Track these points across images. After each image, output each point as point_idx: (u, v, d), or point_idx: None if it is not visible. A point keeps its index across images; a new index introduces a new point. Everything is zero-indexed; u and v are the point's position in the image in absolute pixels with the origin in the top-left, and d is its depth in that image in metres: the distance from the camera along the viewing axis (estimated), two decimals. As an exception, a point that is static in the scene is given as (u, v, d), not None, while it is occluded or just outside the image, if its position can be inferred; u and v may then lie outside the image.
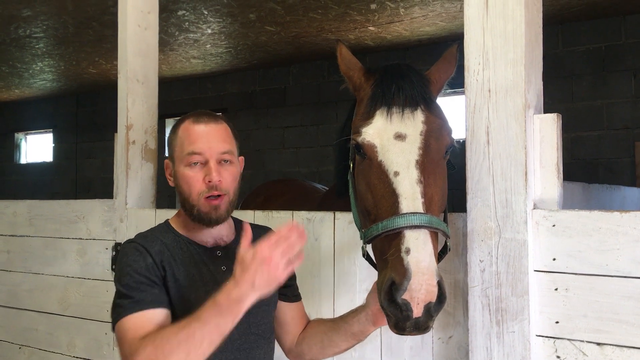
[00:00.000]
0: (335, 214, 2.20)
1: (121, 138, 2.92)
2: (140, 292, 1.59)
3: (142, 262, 1.64)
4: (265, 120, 8.72)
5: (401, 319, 1.50)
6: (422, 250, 1.51)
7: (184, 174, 1.71)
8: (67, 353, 3.06)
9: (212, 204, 1.69)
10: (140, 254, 1.66)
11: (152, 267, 1.64)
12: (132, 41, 2.94)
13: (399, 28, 6.57)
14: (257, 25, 6.46)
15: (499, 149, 1.76)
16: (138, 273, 1.62)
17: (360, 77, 1.90)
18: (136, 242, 1.70)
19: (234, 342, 1.70)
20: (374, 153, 1.70)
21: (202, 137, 1.71)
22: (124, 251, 1.70)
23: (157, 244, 1.71)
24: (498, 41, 1.78)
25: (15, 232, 3.36)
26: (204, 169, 1.70)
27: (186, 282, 1.68)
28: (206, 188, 1.69)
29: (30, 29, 6.62)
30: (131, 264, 1.64)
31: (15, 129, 11.80)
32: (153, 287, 1.62)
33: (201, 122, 1.74)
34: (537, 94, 1.81)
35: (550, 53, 6.32)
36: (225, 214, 1.72)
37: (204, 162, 1.70)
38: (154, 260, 1.65)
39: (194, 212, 1.70)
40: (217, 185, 1.69)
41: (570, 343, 1.66)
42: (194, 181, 1.70)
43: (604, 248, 1.61)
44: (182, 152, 1.72)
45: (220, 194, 1.70)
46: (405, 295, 1.47)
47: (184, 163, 1.71)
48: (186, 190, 1.71)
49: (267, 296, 1.78)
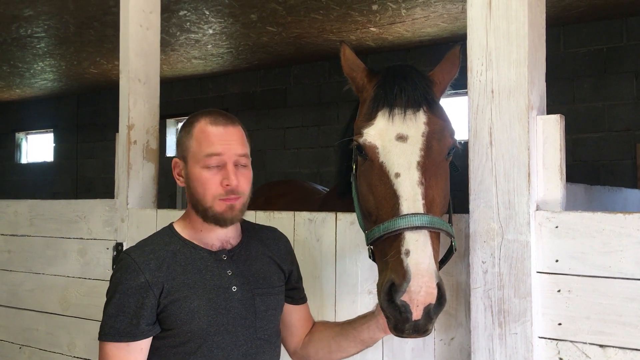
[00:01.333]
0: (337, 215, 2.19)
1: (122, 138, 2.92)
2: (121, 321, 1.61)
3: (132, 281, 1.63)
4: (266, 120, 8.71)
5: (400, 320, 1.50)
6: (422, 252, 1.50)
7: (200, 175, 1.69)
8: (67, 353, 3.06)
9: (228, 203, 1.68)
10: (132, 272, 1.64)
11: (143, 287, 1.62)
12: (133, 41, 2.94)
13: (400, 29, 6.57)
14: (259, 25, 6.46)
15: (501, 150, 1.75)
16: (126, 294, 1.62)
17: (363, 78, 1.89)
18: (131, 258, 1.67)
19: (240, 347, 1.69)
20: (375, 154, 1.70)
21: (221, 139, 1.70)
22: (120, 264, 1.69)
23: (156, 256, 1.68)
24: (501, 42, 1.77)
25: (16, 232, 3.36)
26: (221, 172, 1.68)
27: (188, 291, 1.66)
28: (223, 192, 1.68)
29: (31, 28, 6.62)
30: (122, 282, 1.64)
31: (16, 129, 11.80)
32: (136, 315, 1.61)
33: (219, 123, 1.72)
34: (540, 95, 1.81)
35: (552, 55, 6.27)
36: (240, 214, 1.72)
37: (222, 164, 1.69)
38: (147, 279, 1.63)
39: (209, 213, 1.69)
40: (234, 189, 1.68)
41: (573, 345, 1.65)
42: (210, 184, 1.68)
43: (607, 250, 1.60)
44: (199, 153, 1.69)
45: (234, 197, 1.69)
46: (405, 297, 1.47)
47: (200, 164, 1.69)
48: (200, 192, 1.69)
49: (274, 301, 1.78)
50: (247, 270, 1.76)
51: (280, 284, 1.83)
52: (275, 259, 1.85)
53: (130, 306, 1.61)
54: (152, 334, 1.65)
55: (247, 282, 1.74)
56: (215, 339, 1.65)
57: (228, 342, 1.67)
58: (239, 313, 1.69)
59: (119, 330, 1.61)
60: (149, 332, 1.63)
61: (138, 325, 1.61)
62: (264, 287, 1.76)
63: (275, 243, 1.90)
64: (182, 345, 1.65)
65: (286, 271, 1.87)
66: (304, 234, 2.26)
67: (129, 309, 1.61)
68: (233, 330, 1.68)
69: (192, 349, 1.64)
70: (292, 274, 1.90)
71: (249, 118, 8.73)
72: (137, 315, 1.61)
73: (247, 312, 1.71)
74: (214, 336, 1.65)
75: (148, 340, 1.65)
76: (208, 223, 1.71)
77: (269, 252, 1.85)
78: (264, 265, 1.81)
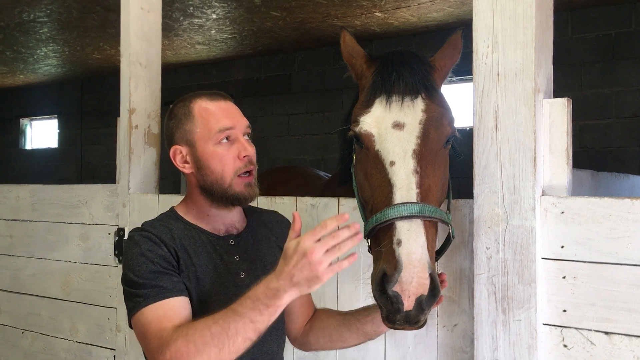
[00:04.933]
0: (339, 200, 2.17)
1: (124, 122, 2.90)
2: (159, 280, 1.53)
3: (158, 250, 1.59)
4: (270, 107, 8.67)
5: (392, 311, 1.49)
6: (414, 242, 1.49)
7: (216, 152, 1.66)
8: (69, 338, 3.06)
9: (246, 181, 1.68)
10: (155, 244, 1.60)
11: (167, 257, 1.59)
12: (135, 24, 2.90)
13: (405, 14, 6.49)
14: (262, 10, 6.40)
15: (507, 134, 1.72)
16: (154, 262, 1.56)
17: (362, 64, 1.86)
18: (148, 232, 1.63)
19: None
20: (371, 142, 1.67)
21: (227, 113, 1.70)
22: (134, 240, 1.62)
23: (168, 233, 1.65)
24: (508, 23, 1.73)
25: (18, 217, 3.35)
26: (234, 145, 1.68)
27: (200, 273, 1.63)
28: (242, 164, 1.68)
29: (34, 13, 6.58)
30: (145, 254, 1.57)
31: (21, 115, 11.80)
32: (172, 276, 1.56)
33: (218, 99, 1.72)
34: (547, 78, 1.77)
35: (559, 40, 6.21)
36: (257, 190, 1.72)
37: (234, 138, 1.69)
38: (168, 249, 1.60)
39: (230, 192, 1.66)
40: (251, 159, 1.69)
41: (578, 332, 1.63)
42: (228, 159, 1.67)
43: (614, 235, 1.58)
44: (210, 131, 1.67)
45: (252, 168, 1.71)
46: (396, 288, 1.46)
47: (213, 141, 1.67)
48: (219, 169, 1.66)
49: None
50: (255, 256, 1.74)
51: None
52: (279, 243, 1.81)
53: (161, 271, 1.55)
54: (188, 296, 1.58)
55: (254, 268, 1.71)
56: None
57: None
58: None
59: (161, 289, 1.51)
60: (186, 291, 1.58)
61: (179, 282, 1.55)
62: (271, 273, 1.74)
63: (279, 226, 1.88)
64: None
65: None
66: (306, 220, 2.24)
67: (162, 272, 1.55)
68: None
69: None
70: None
71: (252, 104, 8.70)
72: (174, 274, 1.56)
73: None
74: None
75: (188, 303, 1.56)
76: (224, 205, 1.69)
77: (273, 237, 1.83)
78: (269, 250, 1.79)
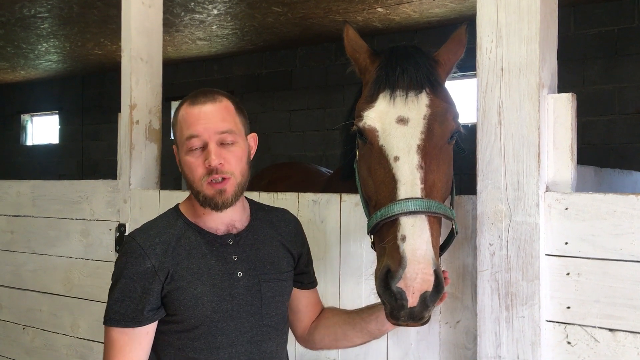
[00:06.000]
0: (341, 196, 2.16)
1: (125, 118, 2.88)
2: (127, 306, 1.59)
3: (138, 266, 1.60)
4: (272, 103, 8.66)
5: (396, 307, 1.48)
6: (419, 238, 1.47)
7: (186, 160, 1.64)
8: (70, 334, 3.06)
9: (216, 187, 1.61)
10: (138, 257, 1.60)
11: (149, 272, 1.60)
12: (136, 19, 2.89)
13: (407, 9, 6.47)
14: (264, 5, 6.37)
15: (511, 129, 1.70)
16: (132, 279, 1.59)
17: (365, 59, 1.84)
18: (137, 242, 1.63)
19: (245, 334, 1.65)
20: (375, 137, 1.66)
21: (198, 119, 1.62)
22: (125, 248, 1.66)
23: (161, 240, 1.64)
24: (512, 17, 1.71)
25: (19, 213, 3.34)
26: (204, 153, 1.61)
27: (192, 277, 1.62)
28: (206, 173, 1.61)
29: (35, 8, 6.56)
30: (128, 267, 1.61)
31: (21, 111, 11.79)
32: (142, 300, 1.59)
33: (197, 103, 1.65)
34: (551, 73, 1.76)
35: (562, 35, 6.20)
36: (231, 197, 1.63)
37: (204, 145, 1.61)
38: (153, 265, 1.60)
39: (200, 197, 1.64)
40: (217, 168, 1.59)
41: (581, 329, 1.62)
42: (195, 166, 1.62)
43: (618, 232, 1.56)
44: (181, 137, 1.65)
45: (224, 177, 1.61)
46: (400, 284, 1.45)
47: (184, 149, 1.64)
48: (190, 177, 1.65)
49: (281, 287, 1.74)
50: (254, 255, 1.71)
51: (289, 269, 1.78)
52: (285, 242, 1.79)
53: (136, 291, 1.59)
54: (158, 318, 1.63)
55: (253, 267, 1.69)
56: (220, 325, 1.62)
57: (232, 328, 1.64)
58: (244, 299, 1.66)
59: (124, 316, 1.59)
60: (154, 316, 1.62)
61: (143, 310, 1.59)
62: (272, 272, 1.72)
63: (286, 225, 1.84)
64: (186, 331, 1.62)
65: (295, 255, 1.82)
66: (308, 215, 2.23)
67: (135, 294, 1.59)
68: (238, 316, 1.64)
69: (195, 335, 1.62)
70: (302, 258, 1.84)
71: (254, 100, 8.68)
72: (142, 301, 1.59)
73: (253, 299, 1.67)
74: (218, 322, 1.62)
75: (154, 324, 1.63)
76: (204, 207, 1.67)
77: (278, 236, 1.79)
78: (272, 250, 1.76)
